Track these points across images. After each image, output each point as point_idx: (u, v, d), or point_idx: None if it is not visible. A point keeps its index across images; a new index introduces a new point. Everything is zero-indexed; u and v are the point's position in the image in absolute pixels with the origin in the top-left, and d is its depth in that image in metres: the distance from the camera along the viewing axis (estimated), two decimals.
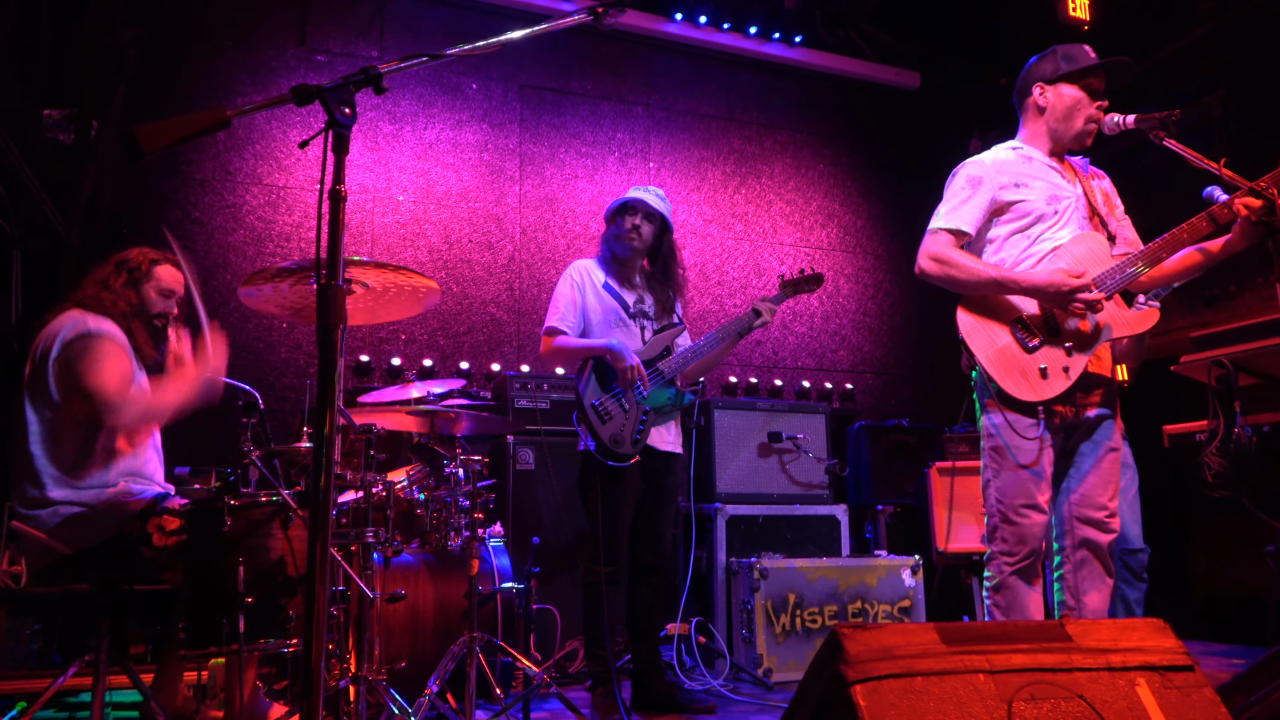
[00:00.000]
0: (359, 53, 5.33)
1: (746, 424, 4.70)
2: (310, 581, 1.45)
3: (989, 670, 1.11)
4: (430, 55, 1.74)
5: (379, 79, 1.65)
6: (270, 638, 2.63)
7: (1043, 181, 2.72)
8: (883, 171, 6.56)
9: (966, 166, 2.79)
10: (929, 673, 1.09)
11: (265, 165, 5.05)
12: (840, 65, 6.36)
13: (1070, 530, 2.62)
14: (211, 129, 1.46)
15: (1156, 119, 2.57)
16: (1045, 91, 2.77)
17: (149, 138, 1.37)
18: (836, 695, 1.06)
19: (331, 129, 1.60)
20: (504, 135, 5.58)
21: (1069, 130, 2.73)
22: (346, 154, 1.62)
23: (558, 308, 3.59)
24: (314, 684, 1.43)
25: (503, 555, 3.38)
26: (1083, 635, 1.21)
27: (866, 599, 4.26)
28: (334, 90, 1.58)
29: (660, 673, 3.53)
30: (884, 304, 6.41)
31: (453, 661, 2.74)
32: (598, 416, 3.37)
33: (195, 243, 4.83)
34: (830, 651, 1.13)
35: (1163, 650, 1.22)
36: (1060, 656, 1.17)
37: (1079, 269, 2.63)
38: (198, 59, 4.97)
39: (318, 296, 1.56)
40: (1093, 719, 1.07)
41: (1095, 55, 2.75)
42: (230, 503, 2.63)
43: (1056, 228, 2.71)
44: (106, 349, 2.85)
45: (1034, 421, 2.60)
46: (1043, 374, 2.59)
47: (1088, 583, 2.62)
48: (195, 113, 1.43)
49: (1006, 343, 2.64)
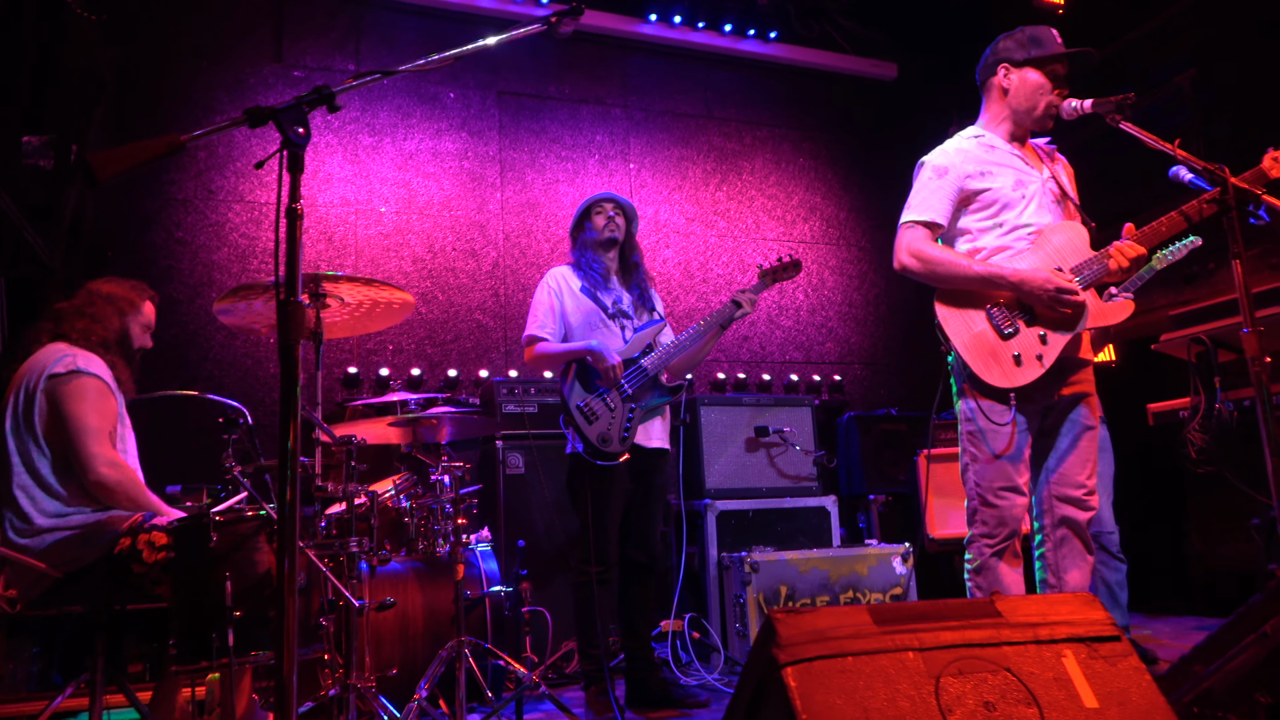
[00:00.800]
0: (336, 66, 5.37)
1: (733, 419, 4.74)
2: (280, 595, 1.49)
3: (918, 648, 1.15)
4: (383, 72, 1.78)
5: (332, 98, 1.69)
6: (261, 650, 2.66)
7: (1007, 169, 2.75)
8: (863, 163, 6.59)
9: (932, 157, 2.82)
10: (859, 652, 1.12)
11: (247, 183, 5.08)
12: (817, 59, 6.39)
13: (1050, 509, 2.65)
14: (165, 154, 1.50)
15: (1113, 103, 2.59)
16: (1010, 74, 2.79)
17: (103, 165, 1.41)
18: (770, 677, 1.10)
19: (286, 149, 1.63)
20: (484, 142, 5.61)
21: (1030, 114, 2.77)
22: (302, 172, 1.66)
23: (537, 316, 3.63)
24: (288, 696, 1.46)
25: (490, 559, 3.41)
26: (1011, 611, 1.25)
27: (858, 588, 4.30)
28: (287, 111, 1.61)
29: (654, 669, 3.56)
30: (869, 294, 6.44)
31: (441, 666, 2.78)
32: (584, 418, 3.41)
33: (180, 262, 4.87)
34: (765, 636, 1.16)
35: (1090, 622, 1.25)
36: (989, 632, 1.20)
37: (1057, 260, 2.66)
38: (175, 80, 5.01)
39: (277, 313, 1.60)
40: (1019, 690, 1.10)
41: (1061, 42, 2.78)
42: (216, 518, 2.66)
43: (1026, 213, 2.74)
44: (93, 388, 2.87)
45: (1007, 407, 2.63)
46: (1016, 360, 2.62)
47: (1068, 560, 2.65)
48: (147, 139, 1.46)
49: (982, 329, 2.66)
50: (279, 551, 1.50)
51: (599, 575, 3.38)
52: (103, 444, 2.83)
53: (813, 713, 1.03)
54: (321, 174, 5.22)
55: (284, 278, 1.59)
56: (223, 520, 2.69)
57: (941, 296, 2.74)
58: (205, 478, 4.20)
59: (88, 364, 2.91)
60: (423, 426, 3.11)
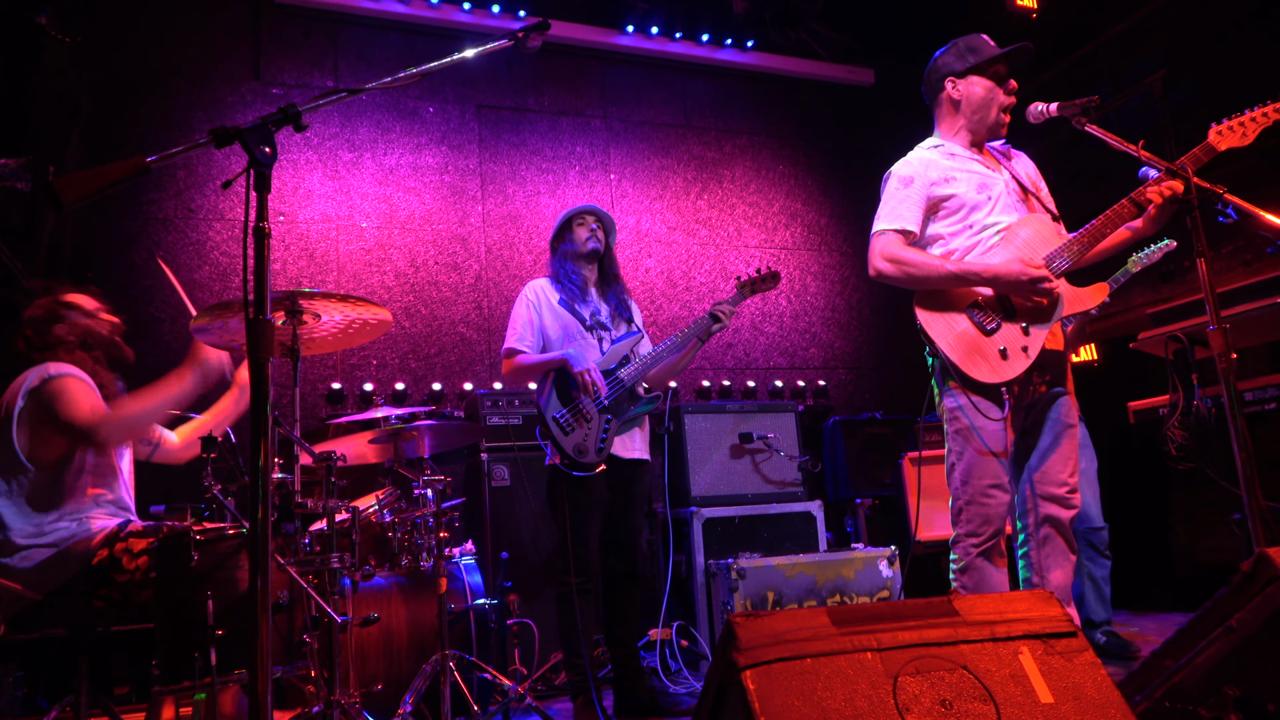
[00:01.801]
0: (314, 83, 5.38)
1: (717, 427, 4.75)
2: (252, 612, 1.49)
3: (877, 648, 1.16)
4: (349, 90, 1.79)
5: (298, 117, 1.70)
6: (244, 668, 2.66)
7: (968, 173, 2.81)
8: (843, 168, 6.64)
9: (898, 167, 2.87)
10: (818, 654, 1.14)
11: (227, 201, 5.08)
12: (794, 67, 6.44)
13: (1033, 508, 2.67)
14: (131, 177, 1.51)
15: (1078, 105, 2.63)
16: (957, 84, 2.86)
17: (68, 190, 1.42)
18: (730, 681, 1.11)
19: (253, 168, 1.64)
20: (464, 156, 5.63)
21: (985, 119, 2.83)
22: (269, 191, 1.67)
23: (515, 329, 3.64)
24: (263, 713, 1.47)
25: (474, 572, 3.41)
26: (969, 609, 1.26)
27: (845, 592, 4.31)
28: (253, 130, 1.62)
29: (641, 678, 3.57)
30: (852, 299, 6.47)
31: (425, 680, 2.78)
32: (559, 429, 3.42)
33: (161, 281, 4.85)
34: (725, 640, 1.17)
35: (1046, 619, 1.27)
36: (946, 631, 1.21)
37: (1027, 252, 2.70)
38: (153, 100, 5.01)
39: (247, 331, 1.61)
40: (976, 688, 1.12)
41: (995, 44, 2.85)
42: (196, 537, 2.66)
43: (993, 213, 2.79)
44: (73, 385, 2.89)
45: (999, 403, 2.66)
46: (1003, 355, 2.65)
47: (1051, 559, 2.67)
48: (113, 163, 1.47)
49: (965, 328, 2.70)
50: (250, 567, 1.50)
51: (579, 586, 3.38)
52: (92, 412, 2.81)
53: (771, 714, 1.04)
54: (302, 190, 5.23)
55: (253, 296, 1.60)
56: (203, 539, 2.69)
57: (920, 300, 2.77)
58: (189, 497, 4.18)
59: (58, 369, 2.93)
60: (405, 440, 3.12)
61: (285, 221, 5.17)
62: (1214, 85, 5.07)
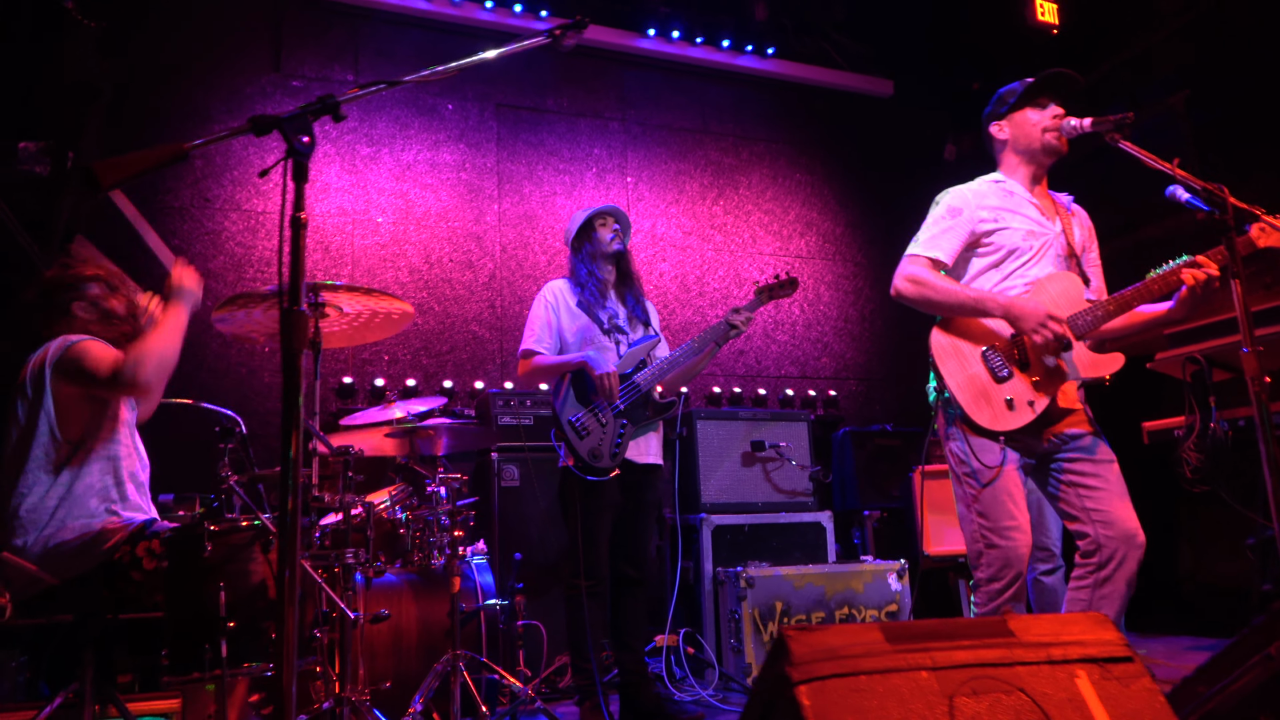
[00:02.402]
0: (334, 77, 5.37)
1: (729, 433, 4.73)
2: (280, 604, 1.47)
3: (931, 667, 1.14)
4: (388, 82, 1.77)
5: (336, 107, 1.68)
6: (254, 661, 2.64)
7: (1021, 216, 2.76)
8: (860, 179, 6.62)
9: (949, 196, 2.82)
10: (873, 671, 1.11)
11: (244, 191, 5.07)
12: (813, 75, 6.43)
13: (1100, 547, 2.54)
14: (169, 162, 1.49)
15: (1111, 122, 2.61)
16: (1004, 126, 2.86)
17: (107, 173, 1.40)
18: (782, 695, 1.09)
19: (291, 157, 1.62)
20: (481, 154, 5.61)
21: (1032, 145, 2.79)
22: (306, 181, 1.65)
23: (533, 330, 3.62)
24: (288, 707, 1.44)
25: (486, 572, 3.39)
26: (1024, 630, 1.24)
27: (854, 604, 4.28)
28: (291, 120, 1.61)
29: (648, 684, 3.54)
30: (865, 310, 6.45)
31: (436, 680, 2.75)
32: (575, 433, 3.39)
33: None
34: (777, 654, 1.15)
35: (1102, 642, 1.24)
36: (1002, 651, 1.19)
37: (1051, 307, 2.66)
38: (173, 89, 5.00)
39: (281, 321, 1.59)
40: (1034, 711, 1.09)
41: (1032, 77, 2.82)
42: (210, 528, 2.64)
43: (1030, 264, 2.74)
44: (93, 345, 2.87)
45: (996, 445, 2.61)
46: (1009, 405, 2.61)
47: (1105, 603, 2.51)
48: (151, 147, 1.46)
49: (977, 370, 2.66)
50: (280, 561, 1.48)
51: (589, 589, 3.36)
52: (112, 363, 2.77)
53: None
54: (319, 183, 5.22)
55: (287, 286, 1.58)
56: (217, 530, 2.67)
57: (941, 327, 2.75)
58: (198, 487, 4.17)
59: (78, 337, 2.91)
60: (420, 438, 3.09)
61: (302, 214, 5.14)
62: (1235, 107, 5.05)
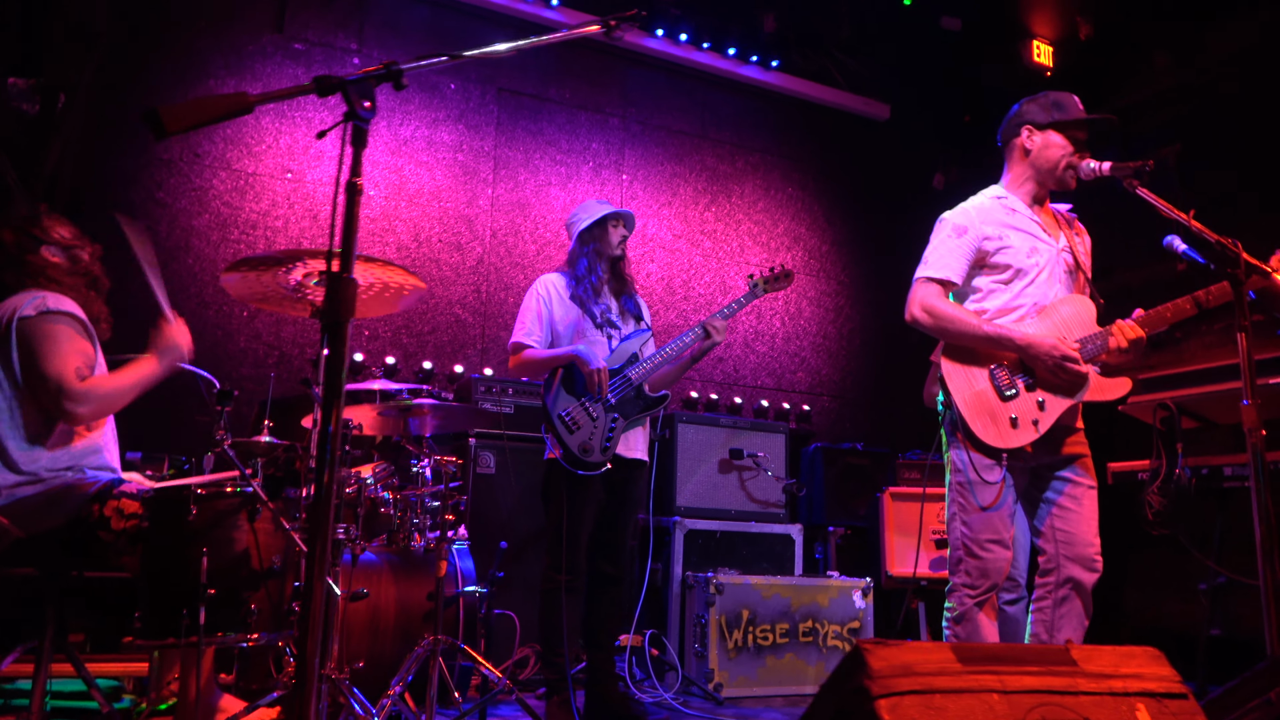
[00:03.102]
0: (338, 44, 5.28)
1: (709, 439, 4.74)
2: (309, 580, 1.44)
3: (1001, 690, 1.16)
4: (450, 55, 1.75)
5: (399, 75, 1.66)
6: (230, 631, 2.58)
7: (1024, 234, 2.80)
8: (849, 198, 6.69)
9: (953, 216, 2.84)
10: (946, 690, 1.13)
11: (235, 150, 4.96)
12: (814, 91, 6.47)
13: (1057, 567, 2.64)
14: (234, 113, 1.45)
15: (1131, 168, 2.66)
16: (1034, 135, 2.84)
17: (173, 118, 1.36)
18: (858, 709, 1.09)
19: (351, 121, 1.60)
20: (479, 137, 5.56)
21: (1051, 174, 2.82)
22: (365, 147, 1.63)
23: (524, 323, 3.60)
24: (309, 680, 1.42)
25: (466, 558, 3.36)
26: (1086, 660, 1.26)
27: (818, 619, 4.32)
28: (356, 83, 1.58)
29: (614, 683, 3.53)
30: (844, 329, 6.52)
31: (416, 664, 2.72)
32: (565, 427, 3.37)
33: (158, 224, 4.72)
34: (851, 666, 1.16)
35: (1159, 678, 1.28)
36: (1066, 680, 1.21)
37: (1063, 330, 2.72)
38: (172, 39, 4.88)
39: (327, 288, 1.56)
40: None
41: (1083, 108, 2.85)
42: (197, 491, 2.58)
43: (1037, 281, 2.78)
44: (64, 332, 2.77)
45: (995, 464, 2.66)
46: (1013, 423, 2.66)
47: (1066, 621, 2.63)
48: (218, 95, 1.42)
49: (984, 387, 2.71)
50: (311, 532, 1.45)
51: (568, 584, 3.34)
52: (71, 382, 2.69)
53: None
54: (313, 150, 5.13)
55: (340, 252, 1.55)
56: (204, 494, 2.61)
57: (948, 351, 2.78)
58: (165, 447, 4.07)
59: (58, 304, 2.80)
60: (413, 416, 3.05)
61: (293, 179, 5.05)
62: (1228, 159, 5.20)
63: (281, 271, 2.50)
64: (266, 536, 2.66)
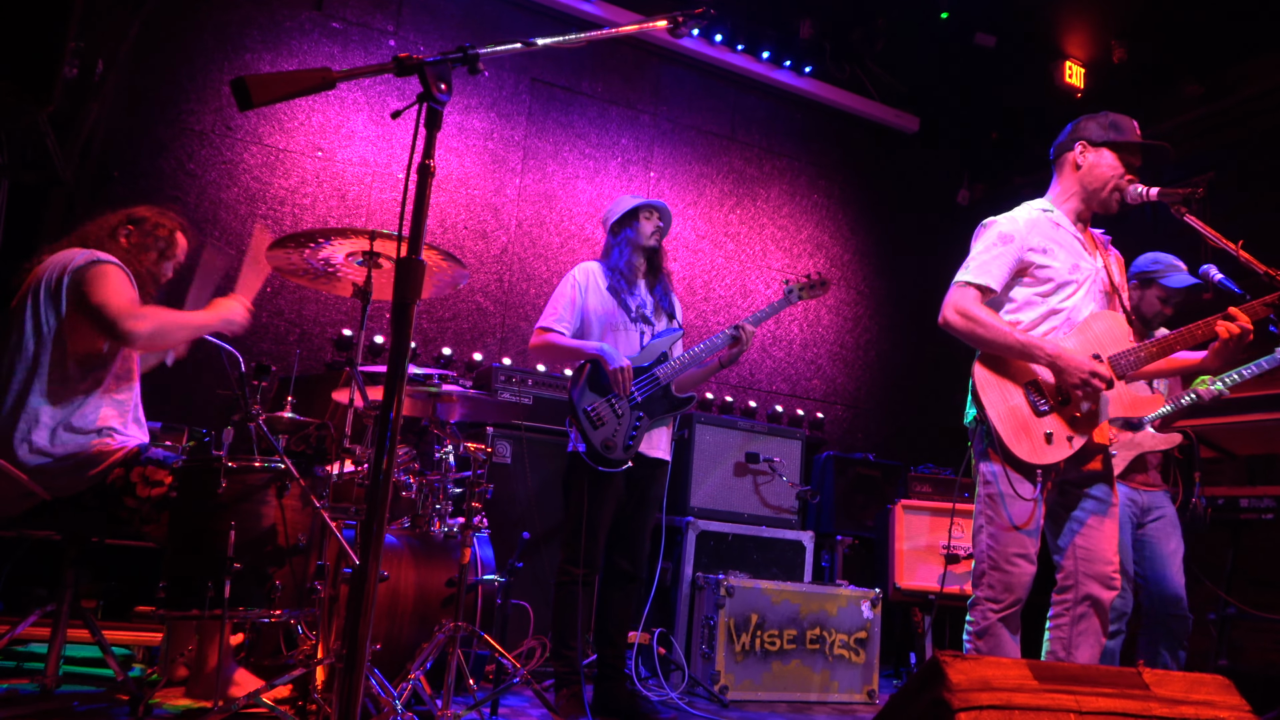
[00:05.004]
0: (375, 25, 5.27)
1: (725, 441, 4.74)
2: (364, 561, 1.44)
3: (1077, 710, 1.15)
4: (523, 43, 1.75)
5: (475, 60, 1.66)
6: (253, 606, 2.58)
7: (1066, 250, 2.78)
8: (873, 209, 6.68)
9: (999, 223, 2.82)
10: (1025, 707, 1.12)
11: (267, 125, 4.96)
12: (845, 100, 6.47)
13: (1075, 584, 2.65)
14: (317, 88, 1.45)
15: (1180, 195, 2.66)
16: (1087, 152, 2.83)
17: (260, 90, 1.36)
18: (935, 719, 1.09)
19: (426, 101, 1.59)
20: (510, 126, 5.55)
21: (1098, 194, 2.81)
22: (438, 129, 1.62)
23: (556, 308, 3.58)
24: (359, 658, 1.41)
25: (486, 546, 3.36)
26: (1157, 684, 1.26)
27: (825, 626, 4.32)
28: (434, 65, 1.57)
29: (623, 680, 3.53)
30: (861, 339, 6.51)
31: (437, 650, 2.72)
32: (589, 422, 3.37)
33: (187, 195, 4.72)
34: (929, 677, 1.15)
35: (1230, 707, 1.28)
36: (1140, 704, 1.21)
37: (1096, 346, 2.71)
38: (211, 10, 4.87)
39: (396, 271, 1.56)
40: None
41: (1140, 133, 2.84)
42: (228, 464, 2.58)
43: (1075, 297, 2.78)
44: (115, 274, 2.81)
45: (1032, 483, 2.65)
46: (1048, 439, 2.65)
47: (1083, 638, 2.63)
48: (303, 70, 1.41)
49: (1018, 403, 2.69)
50: (367, 516, 1.45)
51: (584, 578, 3.34)
52: (127, 308, 2.74)
53: None
54: (345, 129, 5.12)
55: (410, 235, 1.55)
56: (234, 467, 2.61)
57: (984, 361, 2.76)
58: (185, 419, 4.07)
59: (106, 256, 2.87)
60: (441, 402, 3.05)
61: (323, 158, 5.05)
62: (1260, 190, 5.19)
63: (310, 249, 2.50)
64: (294, 513, 2.65)
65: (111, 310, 2.72)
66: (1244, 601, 4.33)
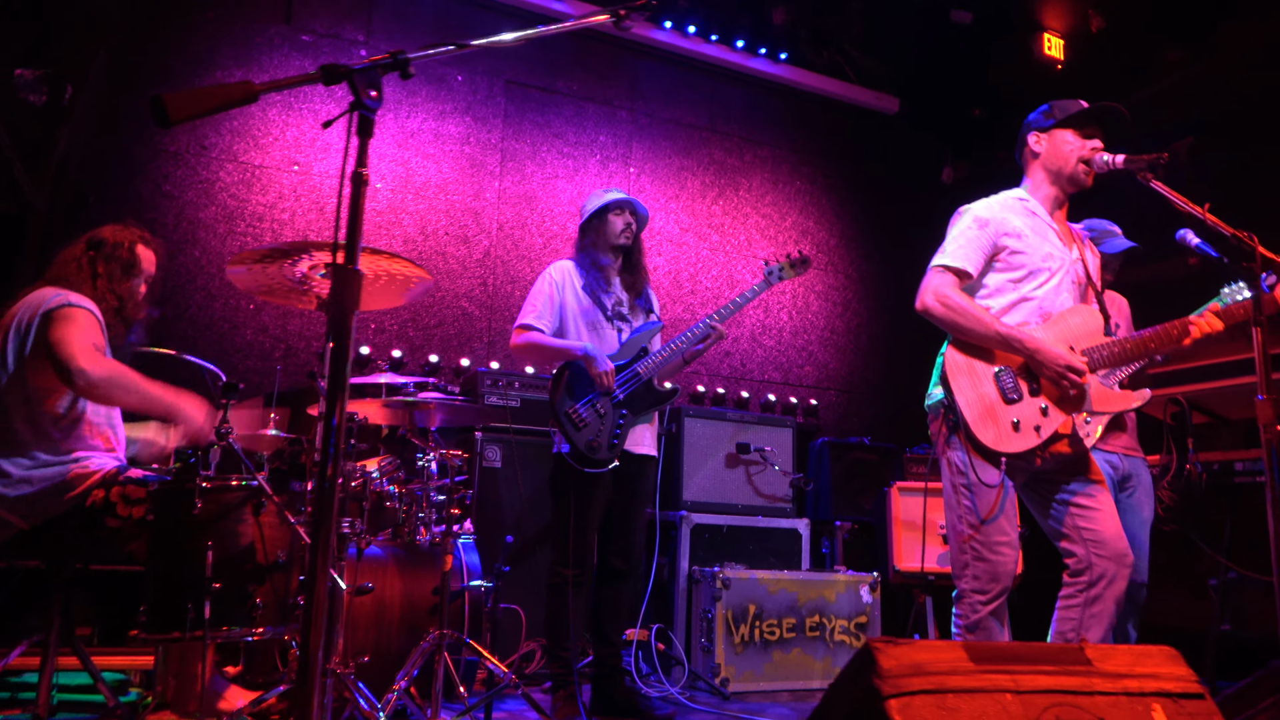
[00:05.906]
0: (345, 35, 5.26)
1: (716, 433, 4.72)
2: (312, 572, 1.43)
3: (1015, 690, 1.14)
4: (457, 44, 1.73)
5: (406, 64, 1.64)
6: (235, 625, 2.57)
7: (1040, 238, 2.77)
8: (857, 192, 6.65)
9: (975, 208, 2.81)
10: (959, 690, 1.11)
11: (242, 142, 4.95)
12: (823, 85, 6.43)
13: (1089, 566, 2.60)
14: (239, 102, 1.43)
15: (1145, 161, 2.63)
16: (1041, 138, 2.85)
17: (177, 106, 1.34)
18: (870, 708, 1.08)
19: (357, 110, 1.58)
20: (487, 129, 5.54)
21: (1064, 171, 2.79)
22: (371, 137, 1.61)
23: (534, 306, 3.57)
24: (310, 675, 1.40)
25: (472, 552, 3.35)
26: (1100, 659, 1.24)
27: (825, 613, 4.30)
28: (362, 72, 1.56)
29: (621, 677, 3.52)
30: (851, 323, 6.48)
31: (422, 658, 2.71)
32: (571, 424, 3.35)
33: (164, 216, 4.71)
34: (862, 664, 1.14)
35: (1176, 677, 1.26)
36: (1081, 680, 1.19)
37: (1070, 339, 2.69)
38: (179, 30, 4.86)
39: (333, 279, 1.54)
40: None
41: (1086, 104, 2.83)
42: (202, 485, 2.57)
43: (1047, 285, 2.76)
44: (83, 317, 2.80)
45: (996, 469, 2.63)
46: (1015, 427, 2.62)
47: (1095, 620, 2.57)
48: (222, 84, 1.40)
49: (988, 389, 2.67)
50: (314, 525, 1.44)
51: (575, 578, 3.33)
52: (86, 349, 2.72)
53: None
54: (320, 141, 5.11)
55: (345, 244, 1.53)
56: (209, 487, 2.60)
57: (956, 345, 2.74)
58: None
59: (80, 300, 2.85)
60: (418, 410, 3.04)
61: (299, 172, 5.04)
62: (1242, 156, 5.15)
63: (288, 264, 2.48)
64: (272, 530, 2.65)
65: (67, 348, 2.70)
66: (1245, 566, 4.30)
